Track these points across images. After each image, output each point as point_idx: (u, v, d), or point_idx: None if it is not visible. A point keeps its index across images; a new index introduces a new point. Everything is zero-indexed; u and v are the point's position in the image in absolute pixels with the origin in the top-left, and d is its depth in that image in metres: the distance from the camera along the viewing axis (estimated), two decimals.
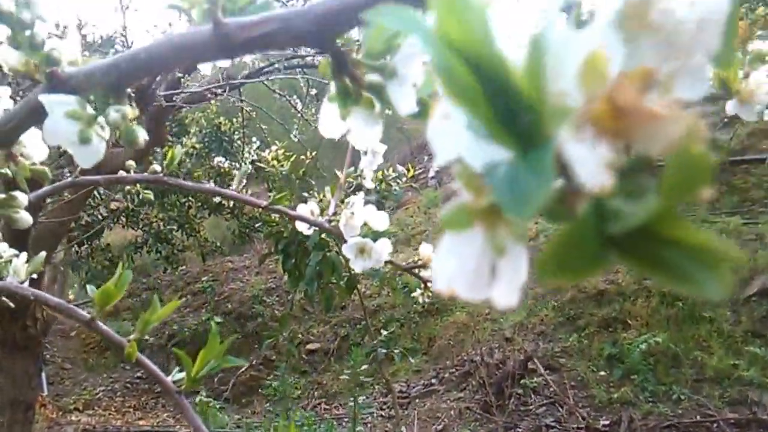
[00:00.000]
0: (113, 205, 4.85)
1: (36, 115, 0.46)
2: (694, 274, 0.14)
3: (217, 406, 4.24)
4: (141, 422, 4.70)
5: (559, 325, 4.08)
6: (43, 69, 0.41)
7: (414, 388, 4.04)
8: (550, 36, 0.15)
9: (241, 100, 4.21)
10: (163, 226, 5.00)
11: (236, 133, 4.85)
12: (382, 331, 4.01)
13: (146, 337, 0.75)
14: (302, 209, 0.89)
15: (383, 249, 0.81)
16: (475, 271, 0.18)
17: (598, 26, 0.16)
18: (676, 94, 0.15)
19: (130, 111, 0.40)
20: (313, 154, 3.87)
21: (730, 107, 0.83)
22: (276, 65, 3.66)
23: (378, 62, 0.31)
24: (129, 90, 0.41)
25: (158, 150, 3.93)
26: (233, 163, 4.72)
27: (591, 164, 0.14)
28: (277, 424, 3.54)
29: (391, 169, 3.51)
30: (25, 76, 0.48)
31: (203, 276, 6.03)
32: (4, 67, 0.47)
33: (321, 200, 0.97)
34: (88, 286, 0.69)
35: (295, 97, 4.41)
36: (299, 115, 4.36)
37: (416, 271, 0.89)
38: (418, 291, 0.94)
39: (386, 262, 0.83)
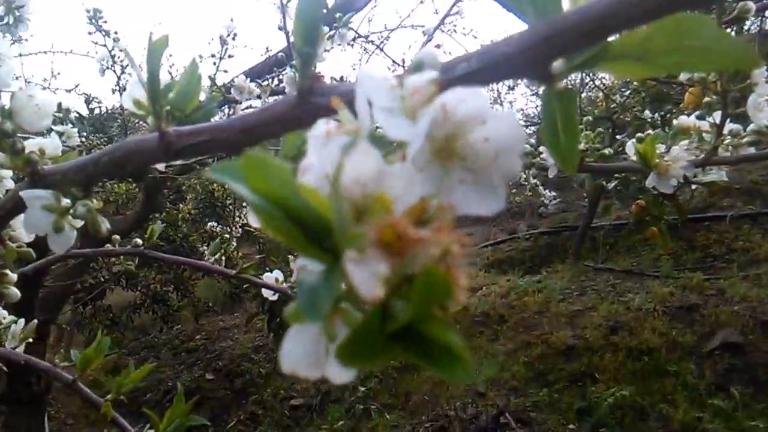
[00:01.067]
0: (114, 268, 4.87)
1: (20, 206, 0.49)
2: (446, 364, 0.17)
3: None
4: None
5: (530, 379, 4.07)
6: (31, 168, 0.44)
7: None
8: (342, 176, 0.19)
9: None
10: (159, 288, 5.00)
11: (228, 198, 4.90)
12: (360, 387, 3.98)
13: (146, 394, 0.78)
14: (268, 277, 0.92)
15: None
16: (314, 353, 0.21)
17: (405, 165, 0.20)
18: (449, 219, 0.19)
19: (96, 204, 0.44)
20: None
21: (650, 180, 0.87)
22: None
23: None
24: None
25: (157, 215, 3.95)
26: (225, 227, 4.75)
27: (366, 280, 0.17)
28: None
29: None
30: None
31: (197, 335, 5.98)
32: None
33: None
34: (71, 351, 0.72)
35: None
36: None
37: None
38: None
39: None
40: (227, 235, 4.53)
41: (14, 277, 0.58)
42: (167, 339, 6.19)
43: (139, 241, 0.89)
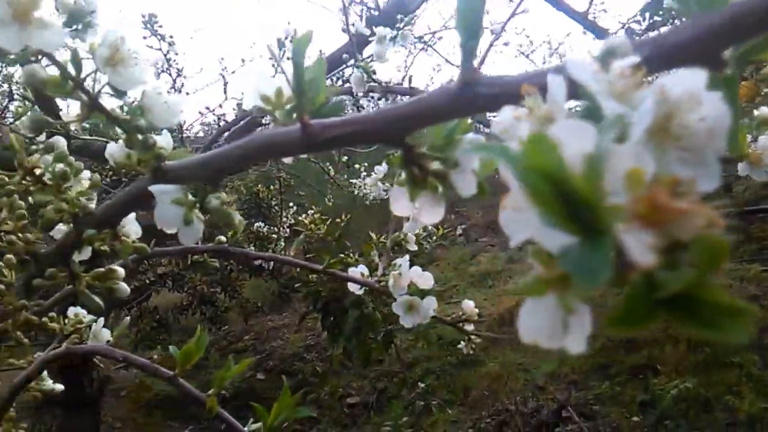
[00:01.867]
0: (160, 270, 4.96)
1: (134, 204, 0.52)
2: (723, 325, 0.18)
3: None
4: None
5: (590, 372, 4.04)
6: (151, 164, 0.46)
7: None
8: (599, 154, 0.20)
9: (279, 169, 4.32)
10: (206, 289, 5.08)
11: (274, 199, 4.95)
12: (419, 383, 4.00)
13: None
14: (353, 272, 0.94)
15: (430, 305, 0.86)
16: (551, 326, 0.22)
17: (631, 144, 0.21)
18: (697, 191, 0.20)
19: (226, 197, 0.46)
20: (347, 217, 3.94)
21: (742, 169, 0.87)
22: None
23: (443, 155, 0.36)
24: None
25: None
26: (272, 228, 4.81)
27: (639, 248, 0.18)
28: None
29: (421, 229, 3.56)
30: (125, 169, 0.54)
31: (245, 335, 6.07)
32: (110, 161, 0.53)
33: (370, 262, 1.01)
34: (170, 347, 0.74)
35: (328, 164, 4.51)
36: (332, 180, 4.45)
37: (460, 324, 0.93)
38: (462, 344, 0.98)
39: (432, 318, 0.87)
40: (274, 236, 4.59)
41: (122, 272, 0.61)
42: (215, 340, 6.29)
43: (223, 237, 0.92)
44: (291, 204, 4.70)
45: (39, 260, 0.58)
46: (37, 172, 0.53)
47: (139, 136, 0.47)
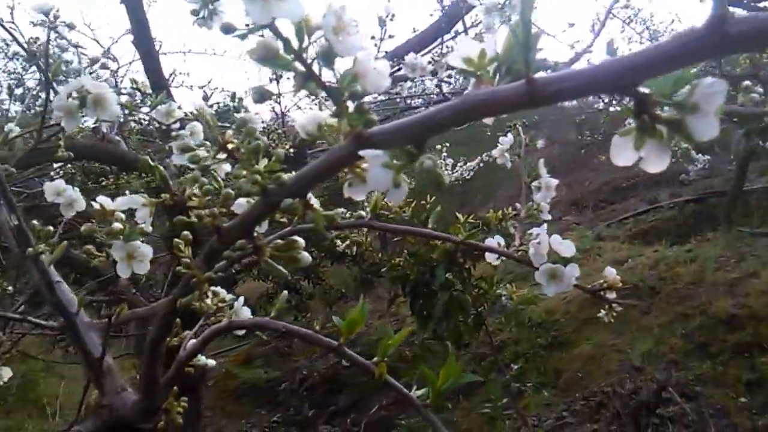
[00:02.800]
0: (246, 259, 5.07)
1: (328, 172, 0.54)
2: None
3: None
4: None
5: (690, 352, 3.95)
6: (357, 130, 0.48)
7: (546, 421, 3.98)
8: None
9: None
10: (291, 277, 5.18)
11: None
12: (511, 365, 3.99)
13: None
14: (490, 242, 0.95)
15: (573, 272, 0.86)
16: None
17: None
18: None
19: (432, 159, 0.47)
20: (432, 199, 3.94)
21: None
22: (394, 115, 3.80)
23: (678, 100, 0.37)
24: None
25: None
26: (352, 212, 4.85)
27: None
28: None
29: (510, 208, 3.54)
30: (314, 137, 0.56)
31: (329, 322, 6.16)
32: (300, 133, 0.56)
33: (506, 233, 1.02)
34: (334, 318, 0.77)
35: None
36: None
37: (602, 293, 0.93)
38: (603, 312, 0.98)
39: (574, 286, 0.88)
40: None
41: (303, 242, 0.63)
42: (300, 327, 6.40)
43: (363, 212, 0.94)
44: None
45: (222, 234, 0.61)
46: (230, 147, 0.56)
47: (350, 103, 0.49)
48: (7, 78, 6.11)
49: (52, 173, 2.41)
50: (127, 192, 0.69)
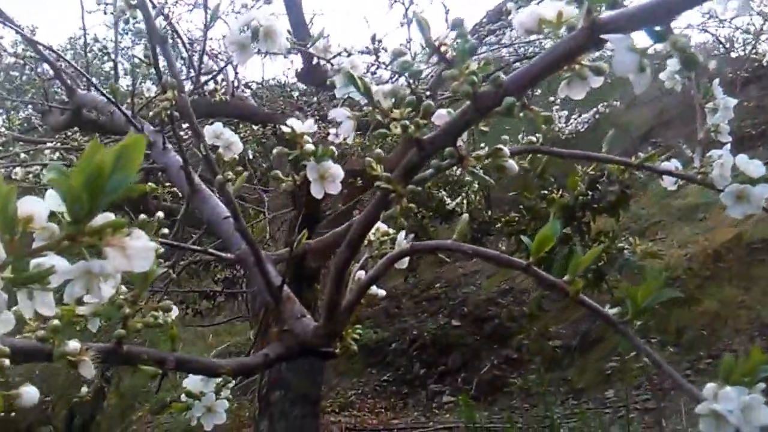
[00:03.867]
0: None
1: (556, 65, 0.52)
2: None
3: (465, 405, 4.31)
4: (395, 421, 4.89)
5: None
6: (593, 17, 0.46)
7: (667, 380, 3.88)
8: None
9: None
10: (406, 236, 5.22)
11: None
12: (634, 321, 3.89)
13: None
14: (667, 166, 0.92)
15: (762, 193, 0.82)
16: None
17: None
18: None
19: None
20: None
21: None
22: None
23: None
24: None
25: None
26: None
27: None
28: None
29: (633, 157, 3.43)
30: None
31: (436, 282, 6.18)
32: (518, 30, 0.54)
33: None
34: (522, 237, 0.76)
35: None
36: (529, 110, 4.41)
37: None
38: None
39: (764, 209, 0.84)
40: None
41: (508, 150, 0.62)
42: (406, 288, 6.46)
43: (533, 138, 0.93)
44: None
45: (423, 145, 0.61)
46: (443, 49, 0.55)
47: None
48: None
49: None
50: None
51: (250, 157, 3.06)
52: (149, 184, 1.11)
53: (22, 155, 1.28)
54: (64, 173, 0.40)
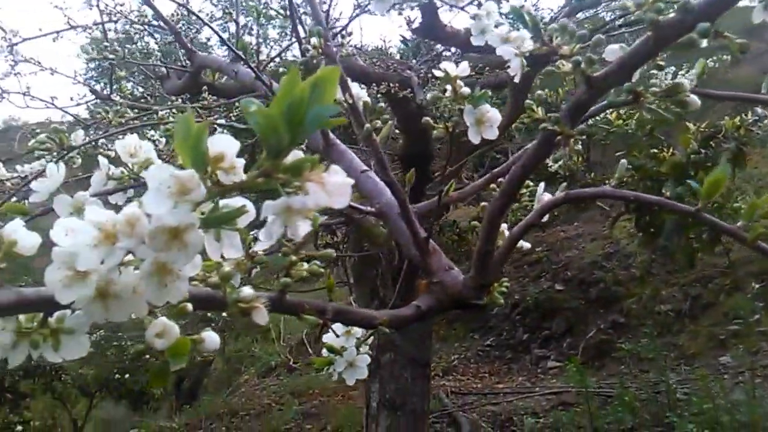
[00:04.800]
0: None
1: None
2: None
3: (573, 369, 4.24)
4: (499, 385, 4.87)
5: None
6: None
7: None
8: None
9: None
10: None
11: (563, 102, 4.85)
12: (753, 285, 3.73)
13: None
14: None
15: None
16: None
17: None
18: None
19: None
20: None
21: None
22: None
23: None
24: None
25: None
26: None
27: None
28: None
29: (749, 113, 3.26)
30: None
31: (537, 246, 6.09)
32: None
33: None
34: (690, 182, 0.72)
35: None
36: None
37: None
38: None
39: None
40: None
41: (687, 84, 0.58)
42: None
43: (685, 80, 0.88)
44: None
45: (594, 83, 0.57)
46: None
47: None
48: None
49: None
50: None
51: None
52: None
53: (161, 112, 1.31)
54: (261, 105, 0.40)
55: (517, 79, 0.61)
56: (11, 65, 2.87)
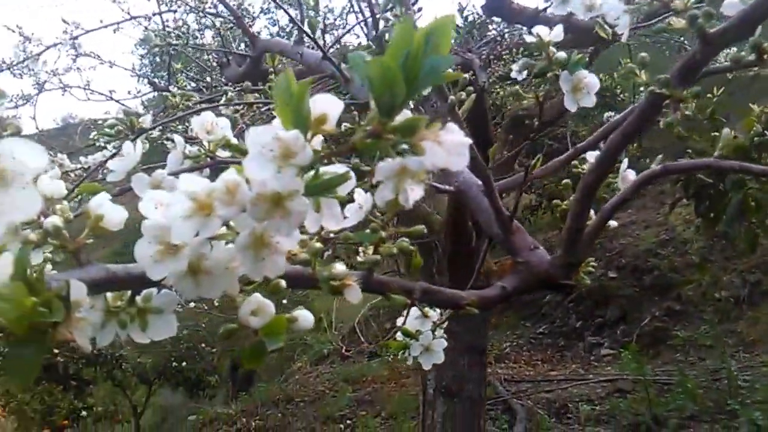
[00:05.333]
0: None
1: None
2: None
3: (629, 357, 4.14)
4: (552, 372, 4.80)
5: None
6: None
7: None
8: None
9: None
10: (555, 187, 5.08)
11: (617, 87, 4.74)
12: None
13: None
14: None
15: None
16: None
17: None
18: None
19: None
20: (721, 91, 3.60)
21: None
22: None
23: None
24: None
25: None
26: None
27: None
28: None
29: None
30: None
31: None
32: None
33: None
34: None
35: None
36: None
37: None
38: None
39: None
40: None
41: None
42: (558, 240, 6.28)
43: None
44: (641, 88, 4.46)
45: (710, 39, 0.52)
46: None
47: None
48: None
49: None
50: None
51: None
52: None
53: (230, 93, 1.29)
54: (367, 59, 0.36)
55: (624, 39, 0.56)
56: (72, 59, 2.91)
